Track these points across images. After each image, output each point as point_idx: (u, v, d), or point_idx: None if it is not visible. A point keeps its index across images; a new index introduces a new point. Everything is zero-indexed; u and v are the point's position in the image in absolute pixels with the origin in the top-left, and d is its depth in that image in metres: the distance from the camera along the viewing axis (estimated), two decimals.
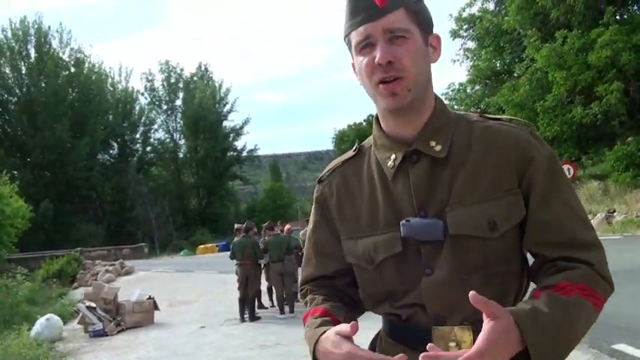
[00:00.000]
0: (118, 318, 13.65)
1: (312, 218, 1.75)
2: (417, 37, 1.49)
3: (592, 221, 18.98)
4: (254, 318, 12.93)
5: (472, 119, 1.57)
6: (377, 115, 1.62)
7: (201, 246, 54.58)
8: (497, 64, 33.58)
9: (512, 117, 1.59)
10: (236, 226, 14.24)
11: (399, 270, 1.54)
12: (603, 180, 25.62)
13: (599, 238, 1.54)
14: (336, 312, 1.60)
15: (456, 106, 35.43)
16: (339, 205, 1.66)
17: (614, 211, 21.13)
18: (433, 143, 1.52)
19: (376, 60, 1.46)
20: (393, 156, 1.55)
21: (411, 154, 1.53)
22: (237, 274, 13.30)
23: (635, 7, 26.58)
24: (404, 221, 1.51)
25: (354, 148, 1.70)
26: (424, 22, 1.53)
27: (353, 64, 1.58)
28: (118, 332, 13.16)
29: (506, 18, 29.67)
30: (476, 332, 1.40)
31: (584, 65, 23.61)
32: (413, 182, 1.52)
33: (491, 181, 1.48)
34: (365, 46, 1.49)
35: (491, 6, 34.18)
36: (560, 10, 25.16)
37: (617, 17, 24.80)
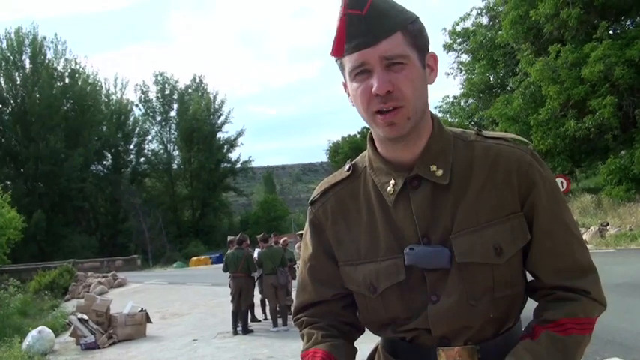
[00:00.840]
0: (110, 330, 13.56)
1: (306, 241, 1.67)
2: (415, 61, 1.42)
3: (585, 234, 19.08)
4: (247, 331, 12.86)
5: (470, 139, 1.53)
6: (371, 134, 1.56)
7: (194, 258, 54.37)
8: (491, 78, 33.74)
9: (510, 135, 1.56)
10: (229, 238, 14.19)
11: (403, 298, 1.50)
12: (596, 193, 25.67)
13: (593, 251, 1.58)
14: (337, 352, 1.55)
15: (450, 119, 35.56)
16: (335, 229, 1.60)
17: (608, 224, 21.15)
18: (434, 168, 1.47)
19: (374, 90, 1.38)
20: (393, 181, 1.50)
21: (412, 180, 1.49)
22: (230, 286, 13.25)
23: (629, 22, 26.76)
24: (407, 249, 1.47)
25: (348, 168, 1.62)
26: (421, 43, 1.46)
27: (344, 84, 1.51)
28: (110, 345, 13.07)
29: (499, 32, 29.83)
30: (480, 352, 1.46)
31: (578, 79, 23.70)
32: (415, 208, 1.48)
33: (495, 205, 1.46)
34: (360, 73, 1.42)
35: (485, 20, 34.40)
36: (554, 25, 25.29)
37: (610, 32, 24.96)
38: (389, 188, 1.50)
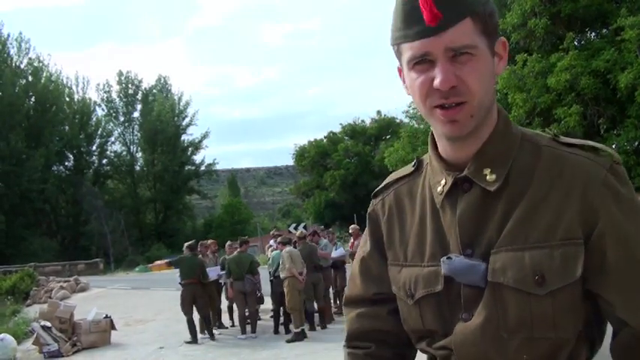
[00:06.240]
0: (74, 338, 13.29)
1: (364, 234, 1.61)
2: (484, 51, 1.26)
3: None
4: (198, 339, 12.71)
5: (541, 143, 1.33)
6: (432, 131, 1.43)
7: (158, 262, 53.03)
8: None
9: (593, 143, 1.33)
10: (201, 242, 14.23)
11: (439, 310, 1.37)
12: None
13: None
14: None
15: (416, 125, 35.76)
16: (388, 226, 1.51)
17: None
18: (487, 171, 1.31)
19: (436, 84, 1.23)
20: (443, 181, 1.37)
21: (463, 182, 1.34)
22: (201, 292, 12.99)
23: (593, 34, 27.22)
24: (445, 258, 1.33)
25: (413, 163, 1.51)
26: (492, 28, 1.28)
27: (399, 69, 1.37)
28: (74, 353, 12.80)
29: None
30: None
31: (544, 88, 24.02)
32: (459, 215, 1.33)
33: (550, 225, 1.25)
34: (420, 62, 1.26)
35: None
36: (521, 35, 25.62)
37: (576, 43, 25.35)
38: (439, 188, 1.38)
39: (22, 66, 70.45)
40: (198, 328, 12.77)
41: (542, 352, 1.27)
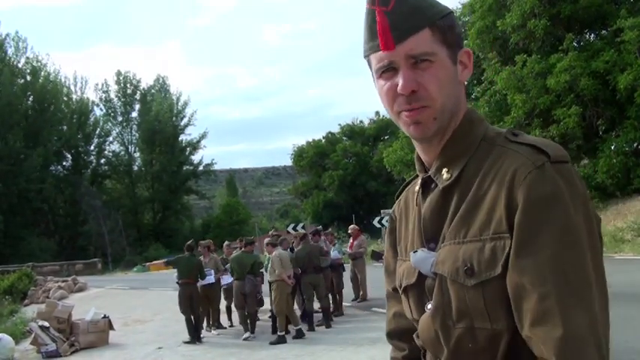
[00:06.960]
0: (72, 338, 13.26)
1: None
2: (444, 59, 1.37)
3: None
4: (200, 339, 12.67)
5: (496, 142, 1.37)
6: None
7: (156, 262, 52.91)
8: None
9: (544, 140, 1.32)
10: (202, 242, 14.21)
11: (419, 301, 1.46)
12: None
13: None
14: None
15: None
16: (399, 224, 1.62)
17: None
18: (444, 171, 1.40)
19: (398, 89, 1.35)
20: (419, 180, 1.50)
21: (431, 181, 1.45)
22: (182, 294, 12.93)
23: (592, 35, 27.24)
24: (412, 251, 1.45)
25: None
26: (452, 39, 1.39)
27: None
28: (72, 353, 12.79)
29: (465, 41, 30.03)
30: None
31: (543, 89, 24.03)
32: (423, 212, 1.45)
33: (485, 219, 1.29)
34: (386, 71, 1.38)
35: None
36: (520, 35, 25.62)
37: (575, 44, 25.36)
38: (416, 187, 1.52)
39: (19, 65, 70.31)
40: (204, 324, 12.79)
41: (483, 342, 1.31)
